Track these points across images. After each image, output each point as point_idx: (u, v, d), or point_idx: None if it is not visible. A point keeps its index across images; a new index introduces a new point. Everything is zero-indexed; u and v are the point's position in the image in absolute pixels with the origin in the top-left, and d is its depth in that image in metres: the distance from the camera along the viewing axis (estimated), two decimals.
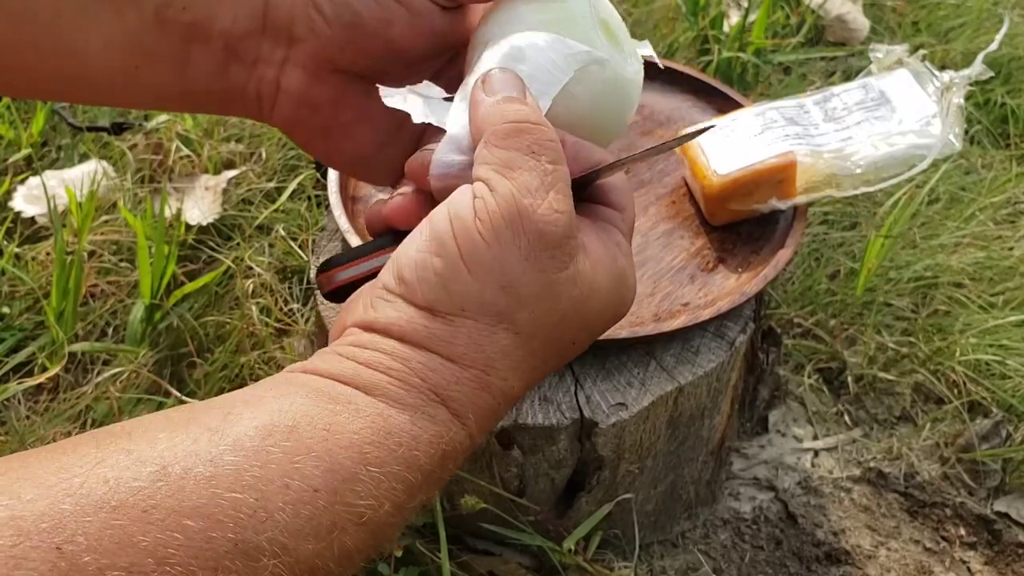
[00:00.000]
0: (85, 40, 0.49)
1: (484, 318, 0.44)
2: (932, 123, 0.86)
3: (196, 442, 0.38)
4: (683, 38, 1.40)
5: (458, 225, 0.45)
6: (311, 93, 0.51)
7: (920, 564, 0.93)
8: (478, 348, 0.44)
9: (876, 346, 1.07)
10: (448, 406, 0.44)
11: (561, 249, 0.45)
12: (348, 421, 0.41)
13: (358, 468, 0.40)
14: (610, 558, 0.87)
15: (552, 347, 0.47)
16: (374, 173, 0.56)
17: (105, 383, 0.94)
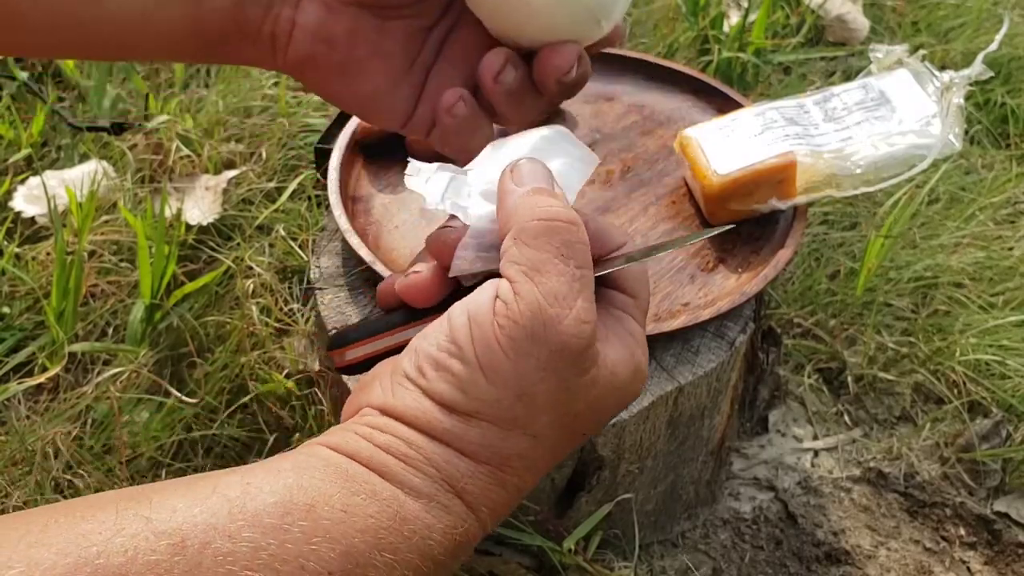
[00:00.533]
0: None
1: (499, 422, 0.44)
2: (932, 123, 0.86)
3: (215, 515, 0.38)
4: (683, 38, 1.40)
5: (477, 332, 0.44)
6: (327, 27, 0.52)
7: (920, 564, 0.93)
8: (493, 448, 0.44)
9: (876, 346, 1.07)
10: (463, 498, 0.44)
11: (583, 356, 0.45)
12: (365, 504, 0.41)
13: (372, 553, 0.40)
14: (610, 558, 0.87)
15: (566, 442, 0.47)
16: (386, 114, 0.55)
17: (105, 383, 0.94)
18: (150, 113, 1.23)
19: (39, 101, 1.23)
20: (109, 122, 1.21)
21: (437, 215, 0.89)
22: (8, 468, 0.90)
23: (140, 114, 1.25)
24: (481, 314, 0.45)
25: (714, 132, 0.88)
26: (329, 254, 0.88)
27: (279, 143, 1.20)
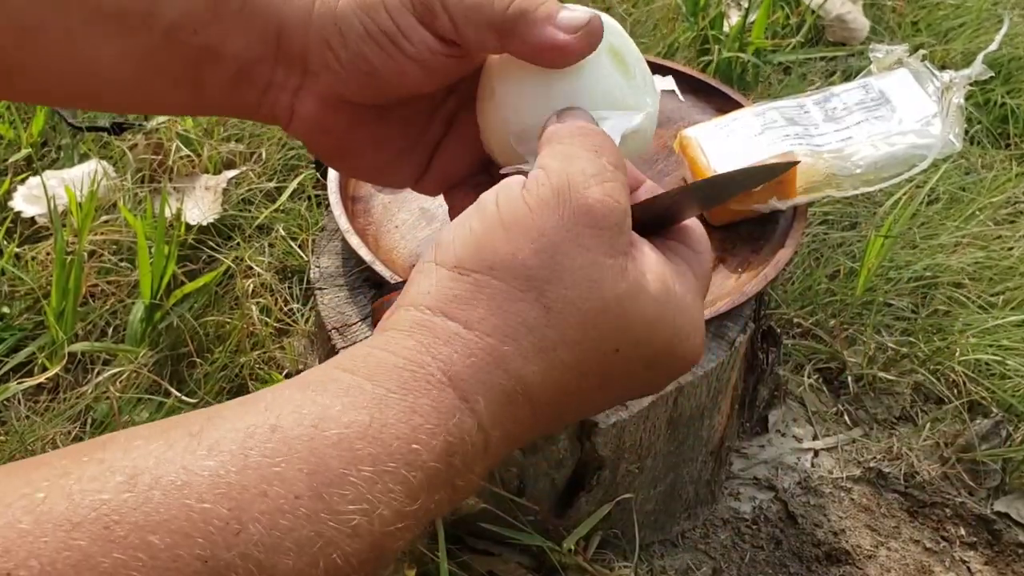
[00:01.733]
0: (96, 56, 0.49)
1: (512, 280, 0.40)
2: (932, 123, 0.86)
3: (172, 447, 0.35)
4: (683, 38, 1.40)
5: (503, 194, 0.43)
6: (324, 120, 0.52)
7: (920, 564, 0.93)
8: (500, 313, 0.40)
9: (876, 346, 1.07)
10: (455, 386, 0.39)
11: (610, 233, 0.41)
12: (339, 414, 0.37)
13: (347, 469, 0.36)
14: (610, 558, 0.87)
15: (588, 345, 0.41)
16: (391, 180, 0.56)
17: (105, 383, 0.94)
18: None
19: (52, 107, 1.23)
20: (109, 122, 1.21)
21: (437, 215, 0.89)
22: None
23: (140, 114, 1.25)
24: (511, 183, 0.43)
25: (714, 132, 0.88)
26: (329, 254, 0.88)
27: (279, 143, 1.20)
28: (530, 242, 0.41)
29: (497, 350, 0.40)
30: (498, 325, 0.40)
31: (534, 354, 0.40)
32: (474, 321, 0.40)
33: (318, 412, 0.37)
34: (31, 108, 1.24)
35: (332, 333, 0.82)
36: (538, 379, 0.40)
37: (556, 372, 0.41)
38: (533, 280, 0.40)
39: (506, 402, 0.40)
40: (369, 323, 0.78)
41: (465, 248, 0.41)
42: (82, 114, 1.25)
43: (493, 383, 0.40)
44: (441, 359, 0.39)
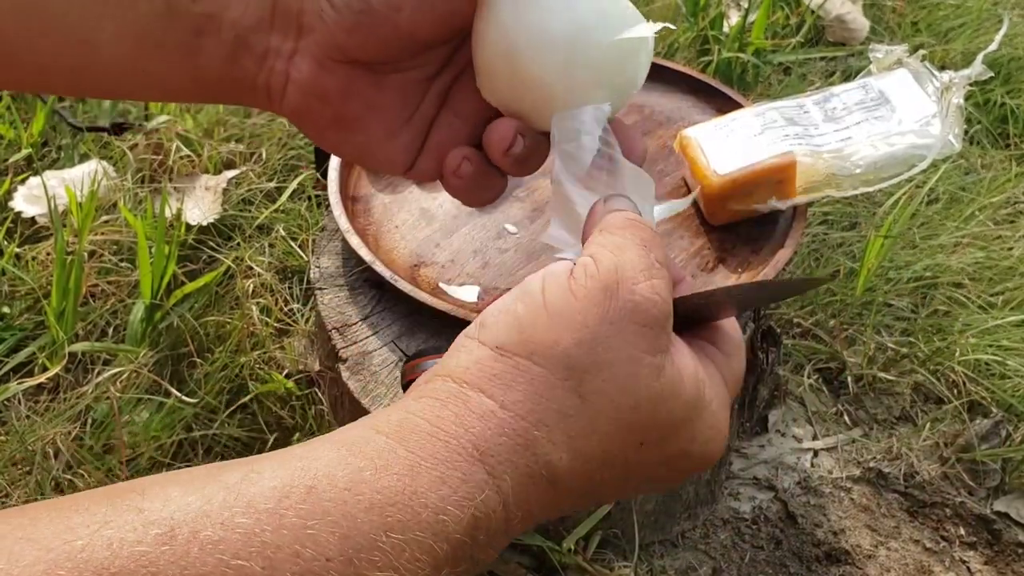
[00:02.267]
0: (96, 31, 0.49)
1: (552, 368, 0.41)
2: (932, 123, 0.86)
3: (209, 502, 0.36)
4: (683, 38, 1.40)
5: (549, 280, 0.43)
6: (320, 83, 0.51)
7: (920, 564, 0.93)
8: (536, 398, 0.41)
9: (876, 346, 1.07)
10: (485, 463, 0.40)
11: (652, 331, 0.42)
12: (372, 479, 0.38)
13: (377, 534, 0.36)
14: (610, 558, 0.87)
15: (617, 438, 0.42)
16: (384, 163, 0.55)
17: (105, 383, 0.94)
18: (150, 113, 1.24)
19: (39, 101, 1.23)
20: (109, 122, 1.21)
21: (437, 215, 0.89)
22: (8, 468, 0.90)
23: (140, 114, 1.25)
24: (558, 270, 0.43)
25: (714, 132, 0.88)
26: (329, 254, 0.88)
27: (279, 143, 1.20)
28: (573, 332, 0.41)
29: (529, 433, 0.40)
30: (533, 409, 0.41)
31: (564, 442, 0.41)
32: (510, 402, 0.41)
33: (351, 475, 0.38)
34: (31, 108, 1.24)
35: (332, 333, 0.82)
36: (565, 466, 0.41)
37: (581, 461, 0.42)
38: (573, 370, 0.41)
39: (530, 484, 0.41)
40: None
41: (508, 331, 0.42)
42: (82, 114, 1.25)
43: (521, 465, 0.40)
44: (474, 433, 0.40)
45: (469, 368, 0.42)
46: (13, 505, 0.87)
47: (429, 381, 0.43)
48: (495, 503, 0.40)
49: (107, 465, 0.90)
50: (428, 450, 0.39)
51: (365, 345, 0.81)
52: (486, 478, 0.40)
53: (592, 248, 0.44)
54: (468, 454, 0.40)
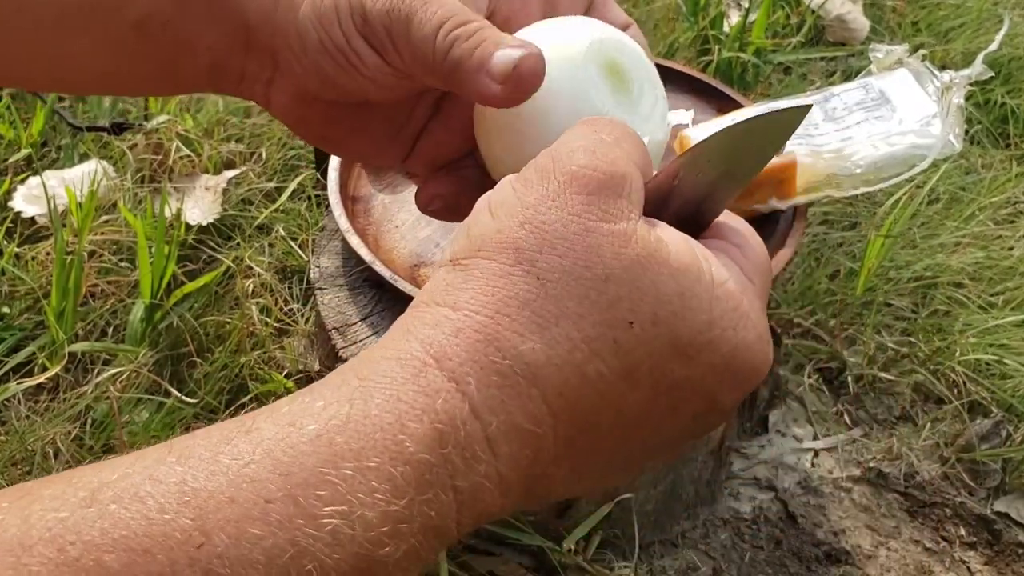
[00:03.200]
0: (70, 46, 0.49)
1: (499, 256, 0.37)
2: (932, 123, 0.86)
3: (143, 458, 0.32)
4: (683, 38, 1.40)
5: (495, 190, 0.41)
6: (300, 112, 0.50)
7: (920, 564, 0.93)
8: (488, 290, 0.37)
9: (876, 346, 1.07)
10: (442, 366, 0.35)
11: (602, 198, 0.38)
12: (321, 410, 0.34)
13: (324, 467, 0.32)
14: (610, 558, 0.87)
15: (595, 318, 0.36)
16: (377, 163, 0.55)
17: (105, 383, 0.94)
18: (150, 113, 1.23)
19: (39, 101, 1.23)
20: (109, 122, 1.21)
21: None
22: (8, 468, 0.90)
23: (140, 114, 1.25)
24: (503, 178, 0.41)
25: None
26: (329, 254, 0.88)
27: (279, 143, 1.20)
28: (514, 217, 0.38)
29: (487, 326, 0.36)
30: (487, 302, 0.36)
31: (531, 330, 0.36)
32: (462, 302, 0.37)
33: (298, 409, 0.34)
34: (31, 108, 1.24)
35: (332, 333, 0.82)
36: (541, 357, 0.36)
37: (562, 350, 0.36)
38: (521, 252, 0.37)
39: (503, 383, 0.35)
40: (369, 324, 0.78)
41: (457, 241, 0.40)
42: (82, 114, 1.25)
43: (484, 362, 0.35)
44: (426, 341, 0.36)
45: (427, 289, 0.39)
46: None
47: None
48: (460, 410, 0.34)
49: None
50: (381, 370, 0.35)
51: (365, 345, 0.81)
52: (444, 383, 0.35)
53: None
54: (422, 363, 0.35)
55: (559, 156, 0.39)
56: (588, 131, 0.41)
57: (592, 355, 0.36)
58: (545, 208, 0.37)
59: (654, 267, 0.37)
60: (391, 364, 0.35)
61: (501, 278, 0.37)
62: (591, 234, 0.37)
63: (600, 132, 0.40)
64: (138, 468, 0.32)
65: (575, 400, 0.36)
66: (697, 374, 0.38)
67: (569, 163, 0.38)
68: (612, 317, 0.36)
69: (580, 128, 0.42)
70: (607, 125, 0.41)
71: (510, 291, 0.36)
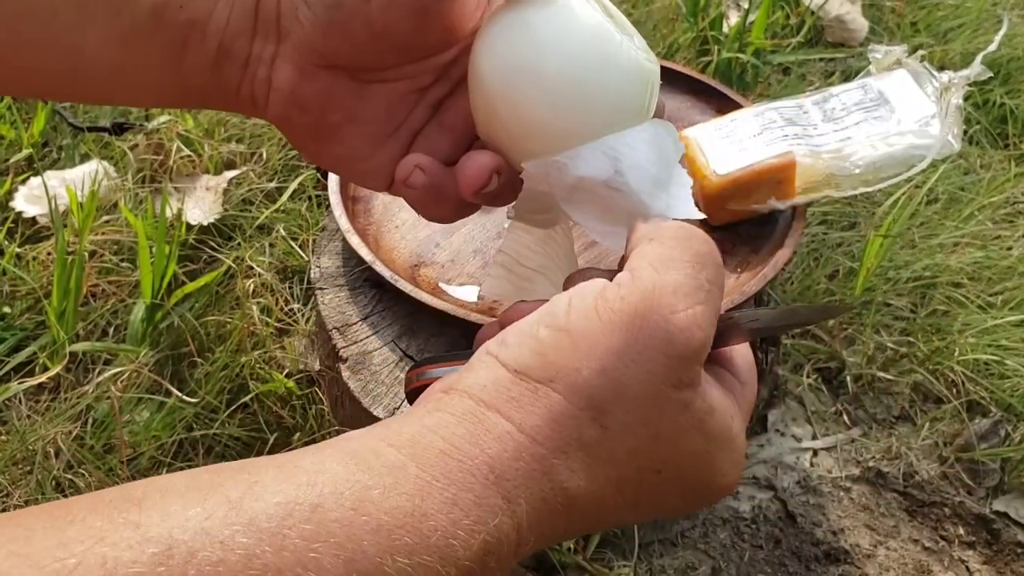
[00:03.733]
0: (81, 38, 0.49)
1: (572, 397, 0.39)
2: (931, 123, 0.86)
3: (209, 518, 0.34)
4: (683, 39, 1.40)
5: (577, 302, 0.41)
6: (300, 91, 0.49)
7: (919, 563, 0.93)
8: (555, 426, 0.39)
9: (875, 346, 1.07)
10: (499, 486, 0.38)
11: (684, 366, 0.40)
12: (381, 498, 0.36)
13: (383, 557, 0.35)
14: (609, 557, 0.87)
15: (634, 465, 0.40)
16: (365, 176, 0.52)
17: (106, 382, 0.95)
18: (151, 113, 1.24)
19: (40, 101, 1.23)
20: (110, 122, 1.21)
21: None
22: (9, 467, 0.90)
23: (141, 114, 1.25)
24: (587, 290, 0.41)
25: (713, 132, 0.88)
26: (329, 254, 0.88)
27: (280, 143, 1.20)
28: (595, 360, 0.39)
29: (547, 460, 0.39)
30: (551, 436, 0.39)
31: (582, 470, 0.39)
32: (528, 427, 0.39)
33: (359, 493, 0.36)
34: (32, 108, 1.24)
35: (333, 333, 0.82)
36: (583, 492, 0.40)
37: (598, 487, 0.40)
38: (593, 399, 0.39)
39: (546, 510, 0.39)
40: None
41: (530, 355, 0.40)
42: (83, 114, 1.25)
43: (537, 491, 0.39)
44: (489, 455, 0.38)
45: (487, 387, 0.40)
46: (14, 504, 0.87)
47: (445, 394, 0.41)
48: (508, 528, 0.38)
49: (108, 465, 0.91)
50: (440, 469, 0.37)
51: (365, 345, 0.81)
52: (500, 503, 0.38)
53: (634, 260, 0.42)
54: (483, 476, 0.38)
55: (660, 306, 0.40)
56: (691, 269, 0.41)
57: (617, 492, 0.41)
58: (629, 360, 0.39)
59: (696, 436, 0.41)
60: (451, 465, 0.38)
61: (569, 419, 0.39)
62: (659, 399, 0.40)
63: (702, 271, 0.41)
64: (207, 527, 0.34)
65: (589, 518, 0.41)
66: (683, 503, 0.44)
67: (668, 320, 0.39)
68: (646, 467, 0.41)
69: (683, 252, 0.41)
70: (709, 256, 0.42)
71: (574, 432, 0.39)
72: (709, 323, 0.41)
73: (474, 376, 0.41)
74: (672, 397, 0.40)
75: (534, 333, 0.41)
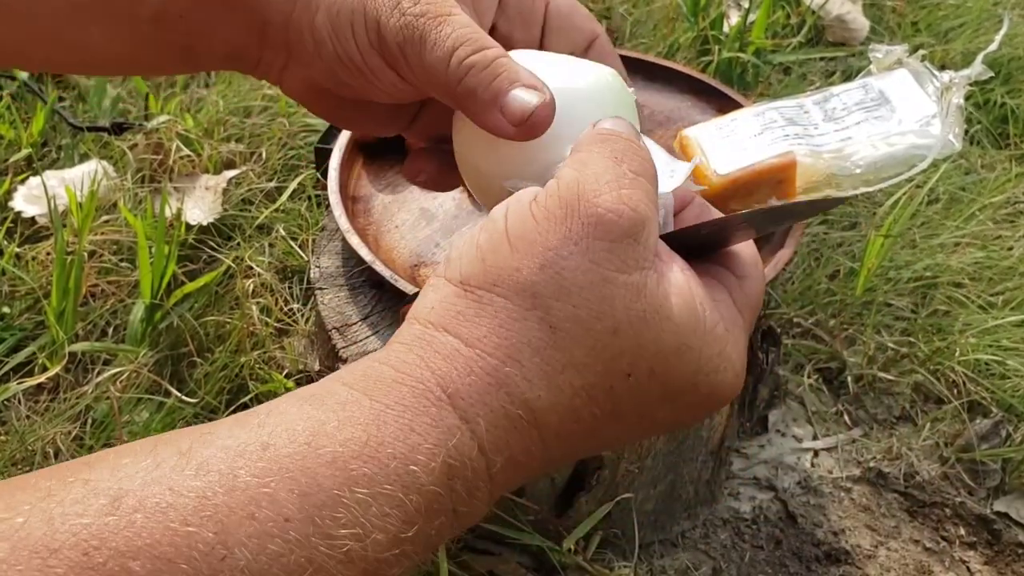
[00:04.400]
0: (86, 36, 0.50)
1: (516, 298, 0.38)
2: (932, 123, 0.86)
3: (159, 466, 0.33)
4: (683, 38, 1.40)
5: (513, 206, 0.41)
6: (310, 96, 0.52)
7: (920, 564, 0.93)
8: (503, 332, 0.38)
9: (876, 346, 1.07)
10: (455, 405, 0.37)
11: (623, 246, 0.39)
12: (335, 431, 0.35)
13: (341, 490, 0.34)
14: (610, 558, 0.87)
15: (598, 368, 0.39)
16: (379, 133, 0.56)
17: (105, 383, 0.95)
18: (150, 113, 1.24)
19: (39, 101, 1.23)
20: (109, 122, 1.21)
21: (437, 215, 0.89)
22: (8, 468, 0.90)
23: (140, 114, 1.25)
24: (522, 195, 0.41)
25: (713, 132, 0.88)
26: (329, 254, 0.88)
27: (279, 143, 1.20)
28: (534, 257, 0.38)
29: (499, 371, 0.38)
30: (500, 344, 0.38)
31: (539, 378, 0.38)
32: (475, 339, 0.38)
33: (312, 428, 0.35)
34: (31, 108, 1.24)
35: (332, 333, 0.82)
36: (545, 404, 0.38)
37: (564, 397, 0.38)
38: (538, 298, 0.38)
39: (510, 427, 0.38)
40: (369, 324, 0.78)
41: (471, 265, 0.40)
42: (82, 114, 1.25)
43: (495, 405, 0.37)
44: (440, 374, 0.37)
45: (434, 308, 0.39)
46: None
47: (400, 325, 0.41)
48: (470, 448, 0.37)
49: None
50: (393, 397, 0.36)
51: (365, 345, 0.81)
52: (457, 422, 0.37)
53: (560, 170, 0.42)
54: (436, 397, 0.37)
55: (584, 192, 0.39)
56: (611, 162, 0.41)
57: (589, 400, 0.39)
58: (567, 252, 0.38)
59: (658, 323, 0.39)
60: (403, 392, 0.37)
61: (516, 322, 0.38)
62: (608, 284, 0.38)
63: (623, 163, 0.41)
64: (156, 476, 0.33)
65: (566, 436, 0.39)
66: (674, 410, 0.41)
67: (595, 203, 0.39)
68: (613, 368, 0.39)
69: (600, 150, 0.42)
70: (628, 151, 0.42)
71: (523, 337, 0.38)
72: (640, 203, 0.39)
73: (423, 300, 0.41)
74: (621, 281, 0.38)
75: (473, 242, 0.40)
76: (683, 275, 0.41)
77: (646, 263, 0.39)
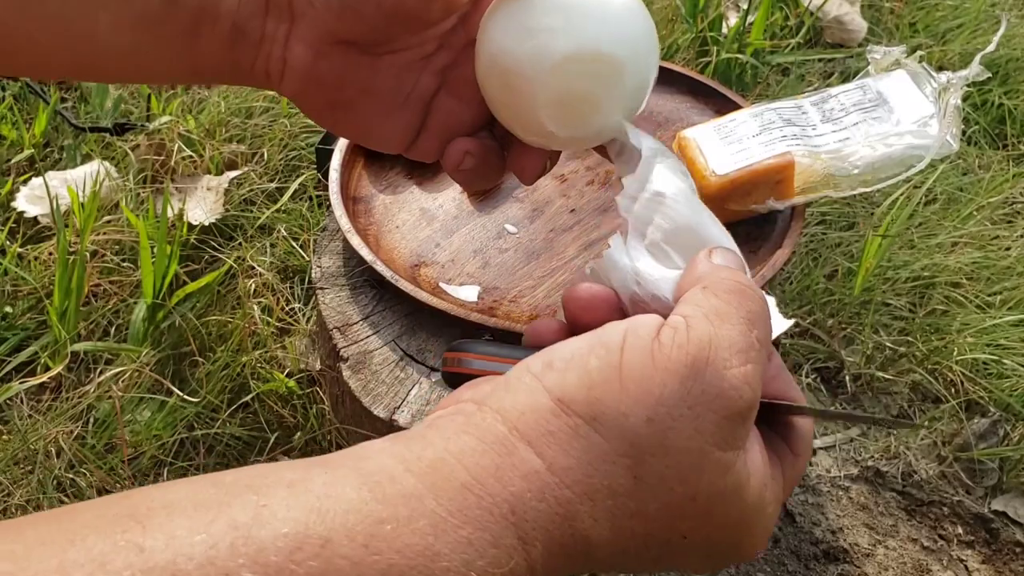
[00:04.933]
0: (94, 23, 0.49)
1: (614, 441, 0.37)
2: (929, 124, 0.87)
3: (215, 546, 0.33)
4: (682, 39, 1.40)
5: (632, 339, 0.39)
6: (315, 69, 0.51)
7: (918, 562, 0.94)
8: (589, 471, 0.37)
9: (874, 345, 1.08)
10: (518, 527, 0.36)
11: (731, 424, 0.38)
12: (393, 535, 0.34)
13: None
14: None
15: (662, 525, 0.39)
16: (383, 142, 0.54)
17: (107, 382, 0.95)
18: (152, 114, 1.24)
19: (41, 102, 1.23)
20: (111, 123, 1.21)
21: (437, 215, 0.89)
22: (11, 467, 0.90)
23: (142, 115, 1.25)
24: (642, 327, 0.39)
25: (712, 133, 0.89)
26: (330, 254, 0.88)
27: (280, 144, 1.20)
28: (645, 408, 0.37)
29: (572, 505, 0.37)
30: (582, 481, 0.37)
31: (606, 519, 0.38)
32: (560, 468, 0.37)
33: (371, 530, 0.34)
34: (34, 109, 1.25)
35: (333, 332, 0.82)
36: (603, 542, 0.38)
37: (622, 539, 0.38)
38: (635, 448, 0.37)
39: (562, 555, 0.37)
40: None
41: (576, 388, 0.38)
42: (84, 114, 1.25)
43: (556, 535, 0.37)
44: (514, 494, 0.37)
45: (524, 414, 0.38)
46: (16, 504, 0.88)
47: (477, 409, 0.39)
48: (523, 571, 0.36)
49: (109, 464, 0.91)
50: (458, 504, 0.36)
51: (366, 344, 0.81)
52: (516, 544, 0.36)
53: (688, 308, 0.40)
54: (502, 515, 0.36)
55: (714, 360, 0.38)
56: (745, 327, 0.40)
57: (643, 547, 0.39)
58: (679, 414, 0.37)
59: (733, 501, 0.39)
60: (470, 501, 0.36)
61: (605, 464, 0.37)
62: (703, 457, 0.38)
63: (754, 329, 0.40)
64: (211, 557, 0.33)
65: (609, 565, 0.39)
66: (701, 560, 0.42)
67: (722, 375, 0.38)
68: (676, 527, 0.39)
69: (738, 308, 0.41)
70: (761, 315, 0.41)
71: (606, 480, 0.37)
72: (759, 383, 0.39)
73: (512, 398, 0.39)
74: (715, 457, 0.38)
75: (583, 363, 0.39)
76: (761, 457, 0.41)
77: (741, 444, 0.39)
